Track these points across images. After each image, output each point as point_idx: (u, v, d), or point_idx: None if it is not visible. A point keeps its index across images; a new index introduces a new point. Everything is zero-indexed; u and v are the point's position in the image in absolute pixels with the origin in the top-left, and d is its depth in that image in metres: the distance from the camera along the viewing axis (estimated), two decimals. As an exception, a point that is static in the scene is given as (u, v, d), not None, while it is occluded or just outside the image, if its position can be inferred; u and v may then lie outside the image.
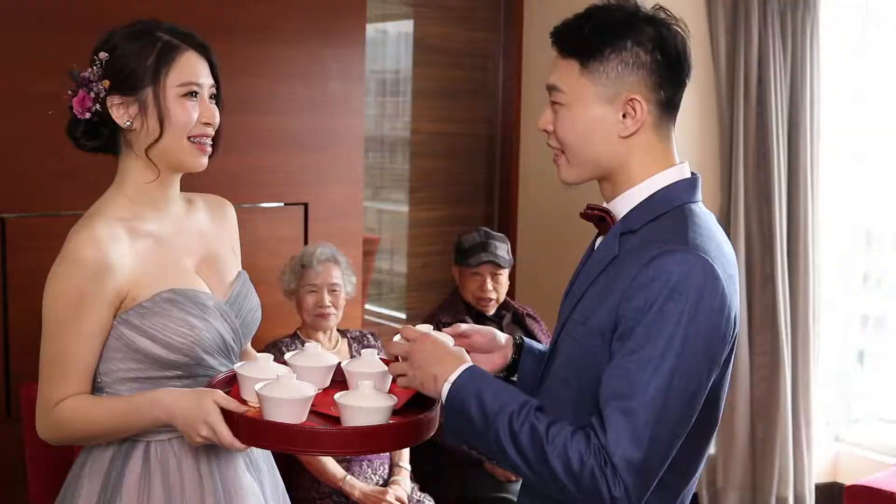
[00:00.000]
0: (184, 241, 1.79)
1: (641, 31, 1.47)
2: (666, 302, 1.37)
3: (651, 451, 1.36)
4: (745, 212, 3.74)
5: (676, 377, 1.36)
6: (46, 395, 1.68)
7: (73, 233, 1.69)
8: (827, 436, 4.09)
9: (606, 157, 1.50)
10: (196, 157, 1.73)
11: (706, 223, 1.48)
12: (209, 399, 1.59)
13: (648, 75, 1.47)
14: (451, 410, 1.46)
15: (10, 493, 2.79)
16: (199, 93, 1.72)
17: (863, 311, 4.21)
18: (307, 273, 3.02)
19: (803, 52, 3.70)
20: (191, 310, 1.70)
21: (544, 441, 1.38)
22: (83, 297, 1.64)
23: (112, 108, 1.71)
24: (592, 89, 1.47)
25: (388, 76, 4.03)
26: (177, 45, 1.72)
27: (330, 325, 3.05)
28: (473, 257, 3.27)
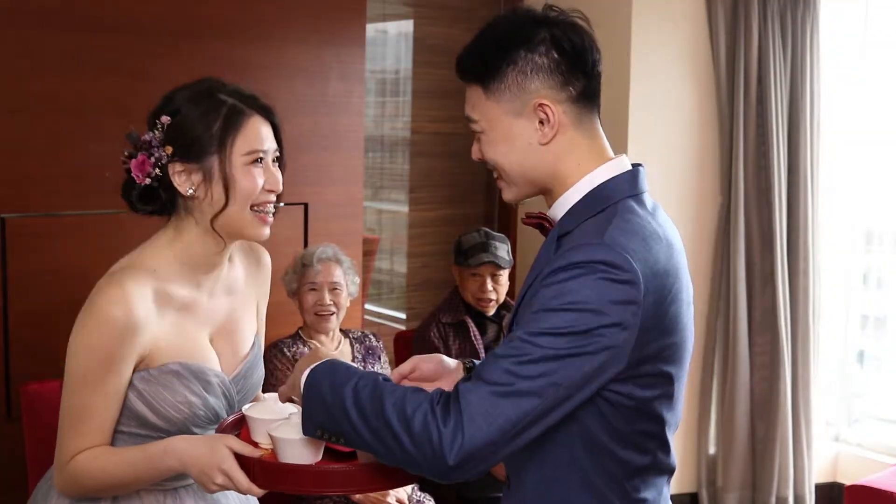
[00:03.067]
0: (212, 308, 1.76)
1: (531, 37, 1.45)
2: (565, 281, 1.34)
3: (497, 431, 1.32)
4: (745, 212, 3.74)
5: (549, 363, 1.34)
6: (65, 448, 1.66)
7: (103, 285, 1.64)
8: (827, 436, 4.09)
9: (537, 169, 1.48)
10: (258, 228, 1.69)
11: (637, 219, 1.43)
12: (222, 445, 1.57)
13: (550, 76, 1.45)
14: (307, 393, 1.45)
15: (10, 493, 2.79)
16: (264, 158, 1.68)
17: (863, 311, 4.21)
18: (308, 272, 3.02)
19: (803, 52, 3.70)
20: (193, 386, 1.69)
21: (384, 391, 1.38)
22: (111, 356, 1.61)
23: (174, 175, 1.65)
24: (500, 108, 1.46)
25: (388, 76, 4.03)
26: (242, 109, 1.67)
27: (331, 327, 3.05)
28: (473, 258, 3.27)
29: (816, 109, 3.75)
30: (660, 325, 1.39)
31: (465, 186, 4.14)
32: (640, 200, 1.47)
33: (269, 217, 1.70)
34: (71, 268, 2.90)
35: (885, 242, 4.15)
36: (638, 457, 1.45)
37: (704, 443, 3.90)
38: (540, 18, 1.47)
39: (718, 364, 3.84)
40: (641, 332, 1.37)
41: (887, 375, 4.17)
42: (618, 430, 1.42)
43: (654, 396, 1.43)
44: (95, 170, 2.91)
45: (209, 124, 1.64)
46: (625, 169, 1.49)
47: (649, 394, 1.42)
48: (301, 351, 2.99)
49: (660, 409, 1.44)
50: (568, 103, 1.46)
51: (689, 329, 1.48)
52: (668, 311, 1.41)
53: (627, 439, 1.43)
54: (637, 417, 1.42)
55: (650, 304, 1.37)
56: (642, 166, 1.52)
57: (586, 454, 1.44)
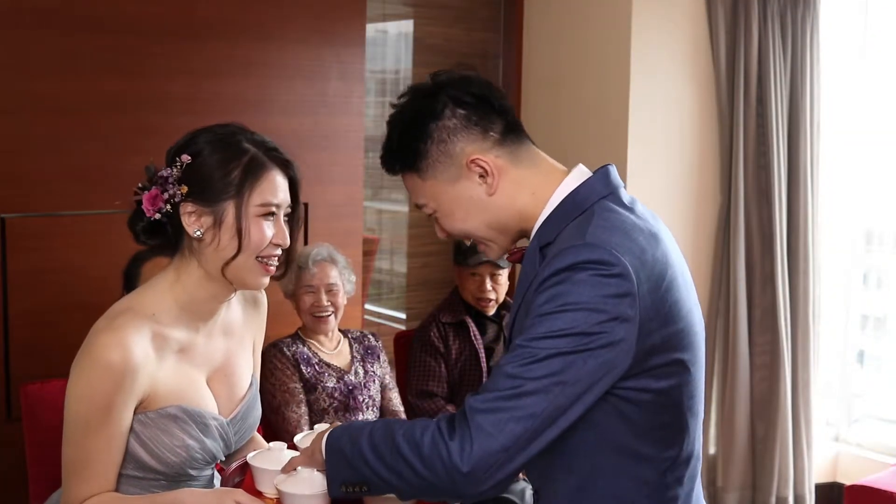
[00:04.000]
0: (208, 350, 1.76)
1: (432, 107, 1.49)
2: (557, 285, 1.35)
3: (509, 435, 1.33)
4: (745, 211, 3.74)
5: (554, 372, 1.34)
6: (72, 495, 1.65)
7: (100, 330, 1.63)
8: (827, 436, 4.09)
9: (499, 218, 1.51)
10: (258, 277, 1.69)
11: (615, 216, 1.44)
12: (231, 500, 1.58)
13: (468, 132, 1.49)
14: (328, 455, 1.47)
15: (10, 493, 2.79)
16: (276, 213, 1.68)
17: (863, 311, 4.21)
18: (303, 274, 3.02)
19: (803, 52, 3.70)
20: (191, 430, 1.69)
21: (395, 427, 1.41)
22: (111, 402, 1.60)
23: (185, 214, 1.65)
24: (439, 183, 1.50)
25: (388, 76, 4.03)
26: (263, 161, 1.67)
27: (330, 328, 3.04)
28: (472, 257, 3.27)
29: (816, 109, 3.75)
30: (660, 313, 1.39)
31: (465, 186, 4.14)
32: (617, 198, 1.48)
33: (271, 268, 1.70)
34: (71, 268, 2.90)
35: (885, 242, 4.15)
36: (664, 451, 1.45)
37: (705, 443, 3.90)
38: (431, 89, 1.52)
39: (718, 364, 3.84)
40: (642, 322, 1.36)
41: (887, 375, 4.17)
42: (640, 427, 1.42)
43: (672, 386, 1.42)
44: (95, 170, 2.91)
45: (229, 171, 1.64)
46: (585, 175, 1.50)
47: (665, 384, 1.41)
48: (301, 350, 2.99)
49: (679, 398, 1.44)
50: (497, 148, 1.50)
51: (696, 314, 1.48)
52: (667, 299, 1.40)
53: (651, 435, 1.43)
54: (658, 410, 1.42)
55: (646, 294, 1.37)
56: (611, 166, 1.53)
57: (613, 458, 1.43)
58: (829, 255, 4.01)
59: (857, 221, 4.11)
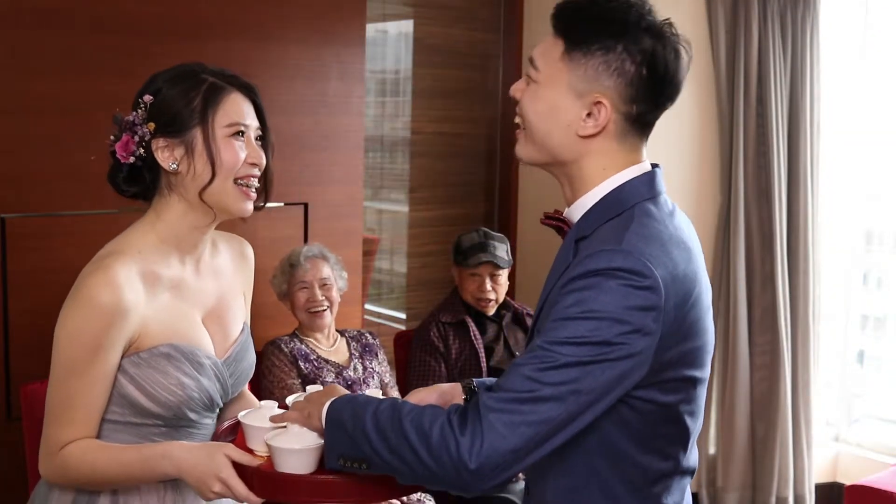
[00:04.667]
0: (200, 289, 1.77)
1: (637, 39, 1.40)
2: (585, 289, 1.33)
3: (520, 437, 1.32)
4: (745, 211, 3.74)
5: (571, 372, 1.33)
6: (53, 437, 1.65)
7: (89, 271, 1.65)
8: (827, 436, 4.09)
9: (560, 149, 1.46)
10: (241, 202, 1.70)
11: (655, 223, 1.41)
12: (220, 454, 1.57)
13: (626, 86, 1.41)
14: (328, 425, 1.45)
15: (10, 493, 2.79)
16: (245, 133, 1.70)
17: (863, 311, 4.21)
18: (296, 271, 3.04)
19: (803, 52, 3.70)
20: (185, 368, 1.69)
21: (401, 410, 1.38)
22: (99, 342, 1.61)
23: (157, 151, 1.68)
24: (567, 77, 1.43)
25: (388, 76, 4.03)
26: (222, 86, 1.70)
27: (326, 323, 3.06)
28: (472, 257, 3.27)
29: (816, 109, 3.75)
30: (681, 330, 1.38)
31: (465, 186, 4.14)
32: (658, 203, 1.45)
33: (251, 192, 1.72)
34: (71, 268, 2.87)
35: (885, 242, 4.15)
36: (660, 462, 1.44)
37: (704, 443, 3.90)
38: (655, 27, 1.42)
39: (718, 364, 3.84)
40: (663, 337, 1.35)
41: (887, 375, 4.17)
42: (640, 435, 1.41)
43: (678, 401, 1.42)
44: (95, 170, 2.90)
45: (190, 100, 1.67)
46: (644, 171, 1.47)
47: (672, 398, 1.41)
48: (298, 347, 3.00)
49: (683, 413, 1.43)
50: (623, 115, 1.44)
51: (711, 332, 1.47)
52: (689, 316, 1.39)
53: (649, 445, 1.42)
54: (660, 422, 1.42)
55: (671, 309, 1.36)
56: (659, 167, 1.50)
57: (608, 462, 1.43)
58: (829, 255, 4.01)
59: (857, 221, 4.11)
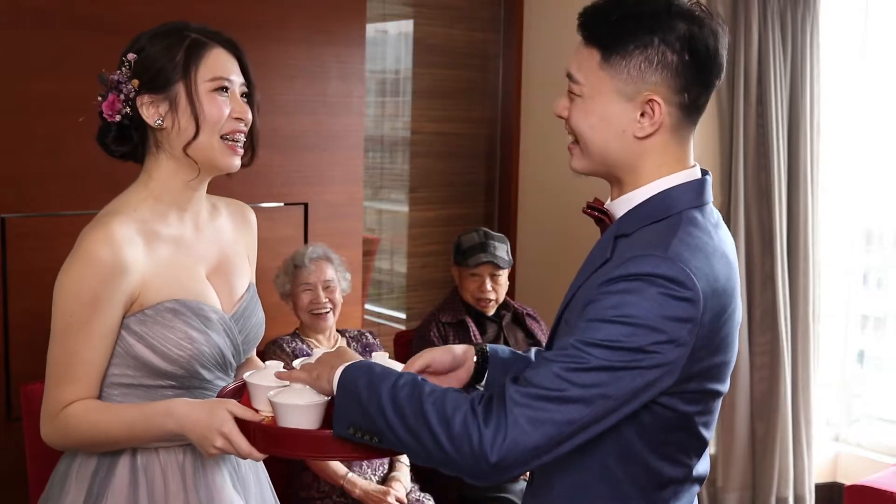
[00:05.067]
0: (202, 245, 1.76)
1: (672, 27, 1.37)
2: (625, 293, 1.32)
3: (542, 435, 1.31)
4: (745, 212, 3.74)
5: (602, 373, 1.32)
6: (53, 398, 1.64)
7: (88, 230, 1.65)
8: (827, 436, 4.09)
9: (619, 155, 1.43)
10: (228, 158, 1.70)
11: (700, 233, 1.39)
12: (223, 409, 1.56)
13: (673, 77, 1.38)
14: (340, 392, 1.42)
15: (10, 493, 2.79)
16: (229, 88, 1.70)
17: (863, 311, 4.21)
18: (300, 272, 3.03)
19: (803, 52, 3.70)
20: (193, 322, 1.68)
21: (423, 391, 1.36)
22: (97, 297, 1.60)
23: (142, 107, 1.68)
24: (611, 84, 1.40)
25: (388, 76, 4.03)
26: (205, 41, 1.71)
27: (328, 325, 3.05)
28: (472, 258, 3.27)
29: (816, 109, 3.75)
30: (712, 344, 1.38)
31: (465, 186, 4.14)
32: (704, 212, 1.44)
33: (238, 147, 1.71)
34: (71, 268, 2.90)
35: (885, 242, 4.15)
36: (670, 468, 1.44)
37: (704, 443, 3.89)
38: (686, 11, 1.40)
39: (718, 364, 3.84)
40: (694, 350, 1.35)
41: (887, 375, 4.17)
42: (654, 440, 1.41)
43: (696, 412, 1.41)
44: (95, 170, 2.90)
45: (173, 55, 1.68)
46: (694, 177, 1.46)
47: (692, 409, 1.41)
48: (300, 347, 3.00)
49: (698, 423, 1.43)
50: (677, 107, 1.41)
51: (737, 347, 1.46)
52: (722, 330, 1.39)
53: (662, 450, 1.42)
54: (675, 429, 1.41)
55: (706, 323, 1.35)
56: (709, 175, 1.48)
57: (620, 463, 1.42)
58: (829, 255, 4.01)
59: (857, 221, 4.11)
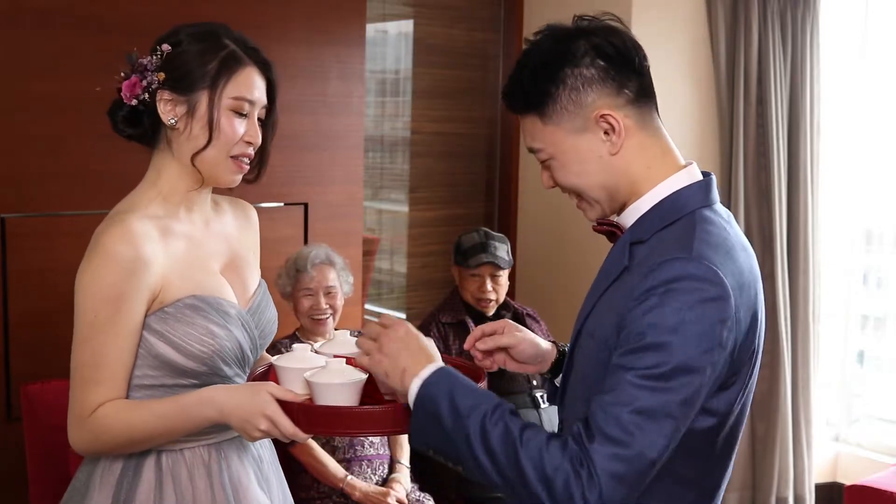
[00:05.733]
0: (212, 242, 1.76)
1: (572, 51, 1.42)
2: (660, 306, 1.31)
3: (629, 484, 1.30)
4: (745, 212, 3.74)
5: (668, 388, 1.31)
6: (81, 401, 1.60)
7: (103, 228, 1.62)
8: (827, 436, 4.09)
9: (615, 181, 1.45)
10: (231, 174, 1.69)
11: (718, 230, 1.40)
12: (264, 391, 1.54)
13: (603, 85, 1.42)
14: (419, 409, 1.39)
15: (10, 493, 2.79)
16: (249, 112, 1.69)
17: (863, 311, 4.21)
18: (302, 277, 3.01)
19: (803, 52, 3.70)
20: (213, 318, 1.66)
21: (518, 442, 1.31)
22: (121, 294, 1.58)
23: (160, 101, 1.66)
24: (562, 130, 1.44)
25: (388, 76, 4.02)
26: (241, 57, 1.68)
27: (328, 330, 3.04)
28: (473, 258, 3.27)
29: (816, 109, 3.75)
30: (746, 336, 1.39)
31: (465, 186, 4.14)
32: (715, 210, 1.45)
33: (244, 165, 1.71)
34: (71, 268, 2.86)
35: (885, 242, 4.15)
36: (702, 478, 1.45)
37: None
38: (573, 31, 1.45)
39: (718, 364, 3.84)
40: (734, 346, 1.35)
41: (887, 375, 4.17)
42: (685, 447, 1.39)
43: (737, 410, 1.43)
44: (95, 170, 2.91)
45: (206, 62, 1.66)
46: (696, 178, 1.47)
47: (733, 408, 1.42)
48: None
49: (732, 423, 1.44)
50: (628, 107, 1.44)
51: (763, 335, 1.47)
52: (753, 323, 1.40)
53: (690, 460, 1.42)
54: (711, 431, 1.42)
55: (741, 318, 1.36)
56: (712, 175, 1.50)
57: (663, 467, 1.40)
58: (829, 255, 4.01)
59: (857, 221, 4.11)
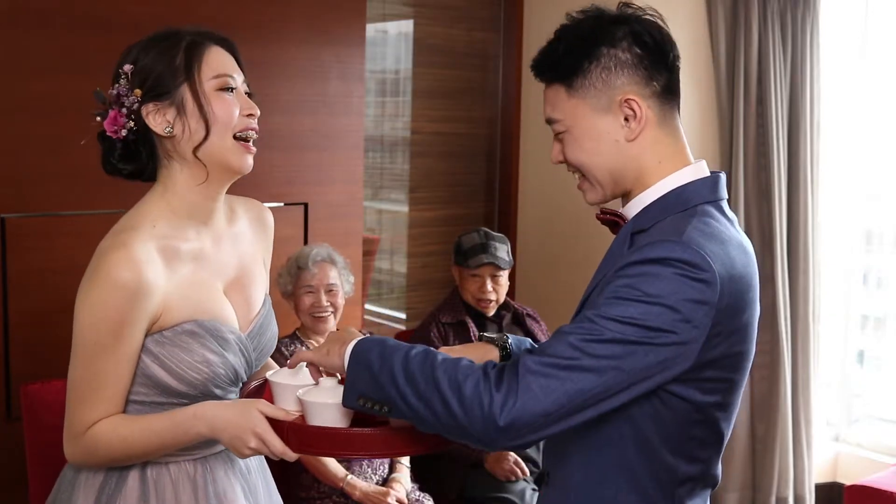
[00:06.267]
0: (220, 258, 1.74)
1: (612, 33, 1.46)
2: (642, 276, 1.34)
3: (553, 402, 1.32)
4: (745, 212, 3.74)
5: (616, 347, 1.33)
6: (78, 418, 1.61)
7: (106, 248, 1.60)
8: (827, 436, 4.09)
9: (622, 166, 1.47)
10: (242, 157, 1.66)
11: (717, 224, 1.42)
12: (254, 409, 1.55)
13: (635, 72, 1.45)
14: (352, 362, 1.44)
15: (10, 493, 2.79)
16: (234, 87, 1.67)
17: (863, 312, 4.21)
18: (303, 274, 3.02)
19: (803, 52, 3.70)
20: (210, 345, 1.66)
21: (435, 360, 1.38)
22: (123, 320, 1.57)
23: (148, 117, 1.63)
24: (586, 105, 1.46)
25: (388, 76, 4.03)
26: (201, 40, 1.67)
27: (329, 327, 3.05)
28: (473, 258, 3.27)
29: (816, 109, 3.75)
30: (730, 329, 1.39)
31: (465, 186, 4.14)
32: (720, 207, 1.47)
33: (251, 146, 1.68)
34: (71, 268, 2.89)
35: (885, 242, 4.15)
36: (687, 466, 1.45)
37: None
38: (617, 16, 1.49)
39: (718, 364, 3.84)
40: (711, 335, 1.36)
41: (887, 375, 4.17)
42: (671, 434, 1.41)
43: (713, 403, 1.42)
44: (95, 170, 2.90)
45: (172, 58, 1.64)
46: (704, 174, 1.49)
47: (710, 399, 1.41)
48: (299, 350, 2.99)
49: (715, 416, 1.44)
50: (653, 98, 1.47)
51: (755, 339, 1.47)
52: (742, 318, 1.40)
53: (679, 446, 1.43)
54: (692, 424, 1.42)
55: (724, 308, 1.36)
56: (722, 174, 1.51)
57: (638, 456, 1.43)
58: (829, 255, 4.01)
59: (857, 221, 4.11)
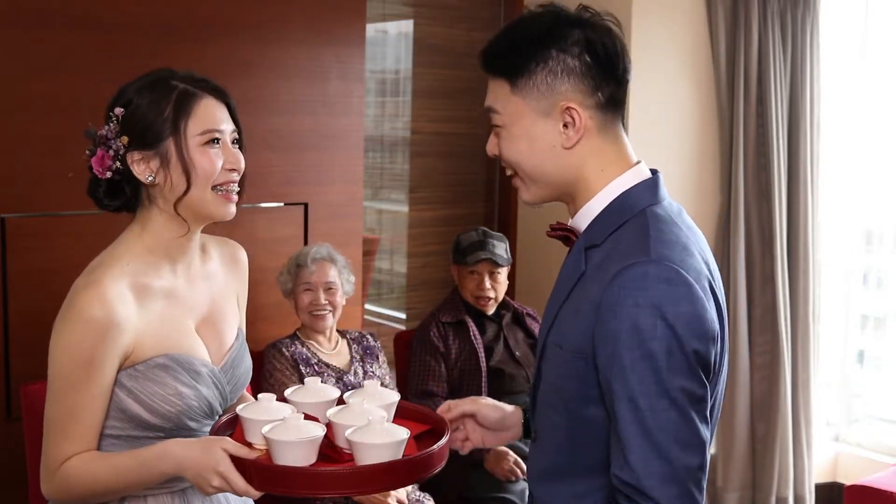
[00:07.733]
0: (192, 296, 1.76)
1: (565, 36, 1.40)
2: (633, 333, 1.30)
3: (672, 472, 1.30)
4: (745, 212, 3.74)
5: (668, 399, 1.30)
6: (52, 454, 1.64)
7: (80, 287, 1.64)
8: (827, 436, 4.09)
9: (558, 171, 1.44)
10: (223, 207, 1.69)
11: (669, 225, 1.40)
12: (218, 448, 1.55)
13: (580, 80, 1.40)
14: None
15: (10, 493, 2.79)
16: (220, 139, 1.68)
17: (863, 311, 4.21)
18: (302, 272, 3.03)
19: (803, 52, 3.70)
20: (183, 378, 1.68)
21: None
22: (93, 357, 1.60)
23: (133, 164, 1.66)
24: (526, 105, 1.42)
25: (388, 76, 4.02)
26: (193, 92, 1.67)
27: (328, 326, 3.05)
28: (471, 255, 3.27)
29: (816, 109, 3.75)
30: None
31: (465, 186, 4.14)
32: (664, 207, 1.44)
33: (232, 196, 1.70)
34: (71, 268, 2.87)
35: (885, 242, 4.15)
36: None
37: (704, 443, 3.89)
38: (574, 19, 1.43)
39: (718, 364, 3.84)
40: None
41: (887, 375, 4.17)
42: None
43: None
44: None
45: (161, 110, 1.65)
46: (645, 176, 1.46)
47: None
48: (299, 351, 2.99)
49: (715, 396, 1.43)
50: (595, 109, 1.42)
51: (727, 339, 1.46)
52: (717, 308, 1.39)
53: None
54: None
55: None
56: (659, 172, 1.49)
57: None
58: (829, 255, 4.01)
59: (857, 221, 4.11)
